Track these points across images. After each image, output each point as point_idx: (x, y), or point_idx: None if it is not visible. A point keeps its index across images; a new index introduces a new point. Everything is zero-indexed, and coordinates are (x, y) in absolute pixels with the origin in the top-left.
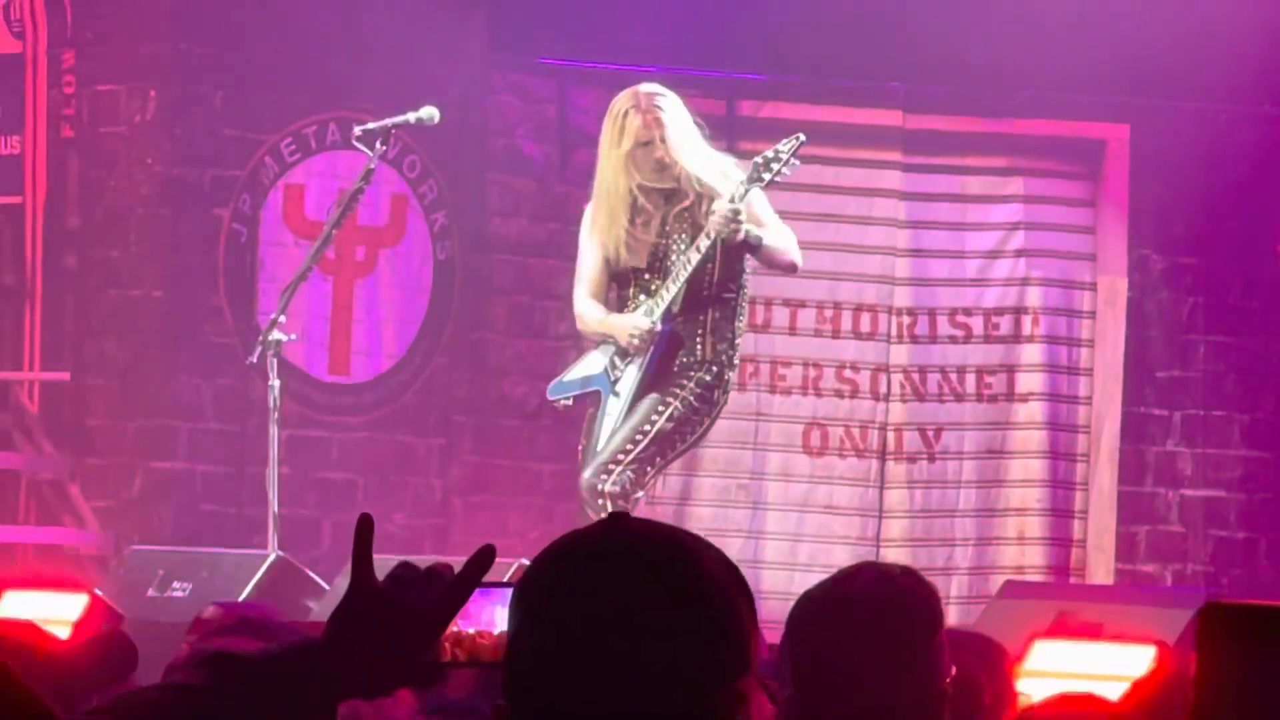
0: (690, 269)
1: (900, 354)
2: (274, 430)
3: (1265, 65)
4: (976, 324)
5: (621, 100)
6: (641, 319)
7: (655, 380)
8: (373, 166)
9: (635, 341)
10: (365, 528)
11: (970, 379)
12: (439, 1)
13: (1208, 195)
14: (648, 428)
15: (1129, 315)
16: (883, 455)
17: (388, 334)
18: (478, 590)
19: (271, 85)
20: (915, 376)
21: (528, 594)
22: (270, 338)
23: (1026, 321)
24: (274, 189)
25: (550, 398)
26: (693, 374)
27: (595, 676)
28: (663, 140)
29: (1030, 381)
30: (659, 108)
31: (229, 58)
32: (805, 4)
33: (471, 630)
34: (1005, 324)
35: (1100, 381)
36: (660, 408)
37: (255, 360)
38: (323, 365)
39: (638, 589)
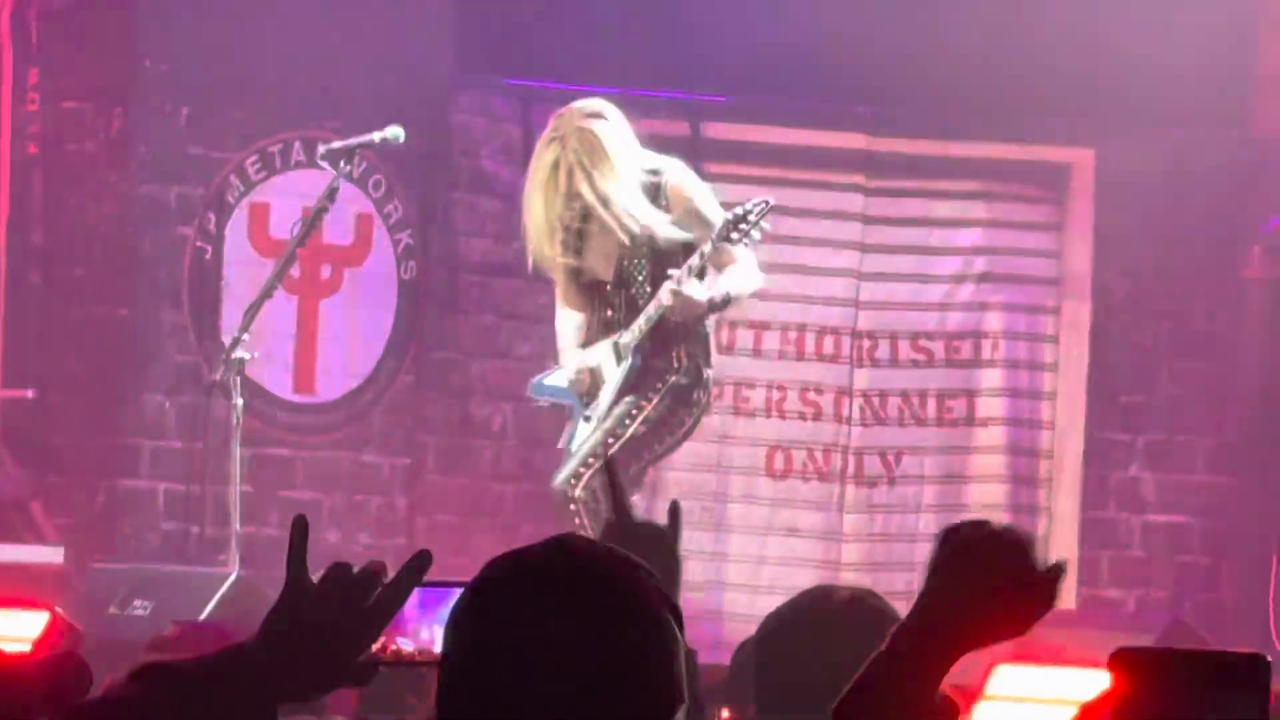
0: (651, 320)
1: (862, 378)
2: (236, 449)
3: (1229, 89)
4: (938, 348)
5: (548, 129)
6: (587, 360)
7: (636, 399)
8: (337, 186)
9: (576, 385)
10: (300, 530)
11: (931, 403)
12: (405, 21)
13: (1172, 220)
14: (620, 431)
15: (1092, 340)
16: (843, 479)
17: (352, 353)
18: (418, 602)
19: (237, 104)
20: (876, 400)
21: (465, 615)
22: (234, 356)
23: (987, 346)
24: (239, 207)
25: (530, 395)
26: (668, 378)
27: (526, 702)
28: (578, 169)
29: (991, 406)
30: (581, 131)
31: (195, 76)
32: (771, 27)
33: (411, 648)
34: (966, 348)
35: (1063, 406)
36: (634, 411)
37: (219, 379)
38: (287, 384)
39: (573, 616)
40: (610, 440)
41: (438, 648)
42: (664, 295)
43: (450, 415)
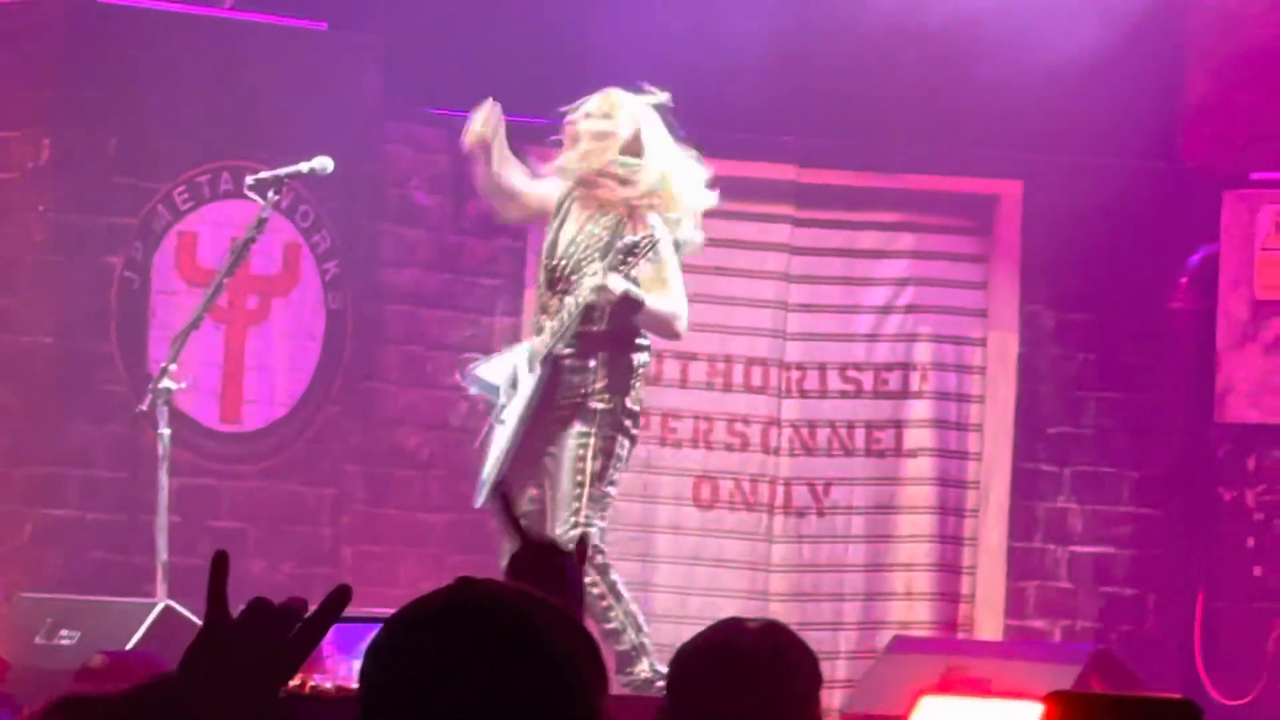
0: (572, 316)
1: (791, 408)
2: (164, 478)
3: (1156, 121)
4: (867, 379)
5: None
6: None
7: (541, 414)
8: (265, 216)
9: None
10: (220, 564)
11: (860, 434)
12: (332, 51)
13: (1100, 251)
14: (580, 477)
15: (1020, 371)
16: (771, 509)
17: (279, 383)
18: (338, 639)
19: (165, 133)
20: (805, 431)
21: (375, 657)
22: (161, 386)
23: (915, 377)
24: (167, 237)
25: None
26: (593, 408)
27: None
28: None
29: (919, 437)
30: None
31: (123, 105)
32: (698, 56)
33: (330, 685)
34: (894, 379)
35: (991, 437)
36: (579, 462)
37: (146, 408)
38: (214, 413)
39: (480, 657)
40: (577, 490)
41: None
42: (582, 292)
43: (377, 445)
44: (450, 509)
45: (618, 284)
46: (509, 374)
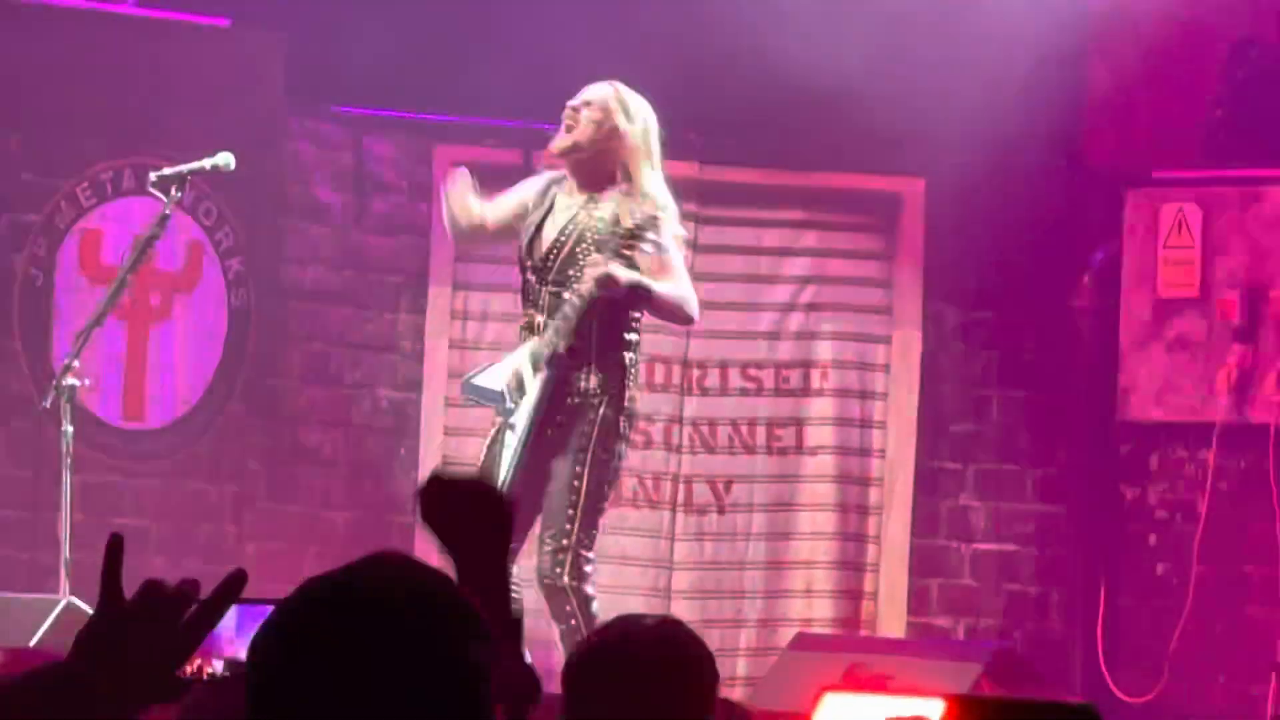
0: (576, 310)
1: (691, 406)
2: (66, 476)
3: (1058, 119)
4: (768, 377)
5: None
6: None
7: (547, 419)
8: (168, 213)
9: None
10: (115, 547)
11: (761, 431)
12: (235, 48)
13: (1002, 249)
14: (574, 497)
15: (923, 369)
16: (674, 507)
17: (182, 380)
18: (237, 623)
19: (68, 130)
20: (705, 429)
21: (263, 639)
22: (64, 383)
23: (817, 375)
24: (70, 234)
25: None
26: (589, 416)
27: None
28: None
29: (820, 434)
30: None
31: (25, 102)
32: (600, 54)
33: (226, 672)
34: (796, 377)
35: (894, 434)
36: (576, 480)
37: (49, 405)
38: (117, 411)
39: (371, 647)
40: (570, 510)
41: None
42: (585, 284)
43: (280, 442)
44: (353, 506)
45: (623, 273)
46: (511, 378)
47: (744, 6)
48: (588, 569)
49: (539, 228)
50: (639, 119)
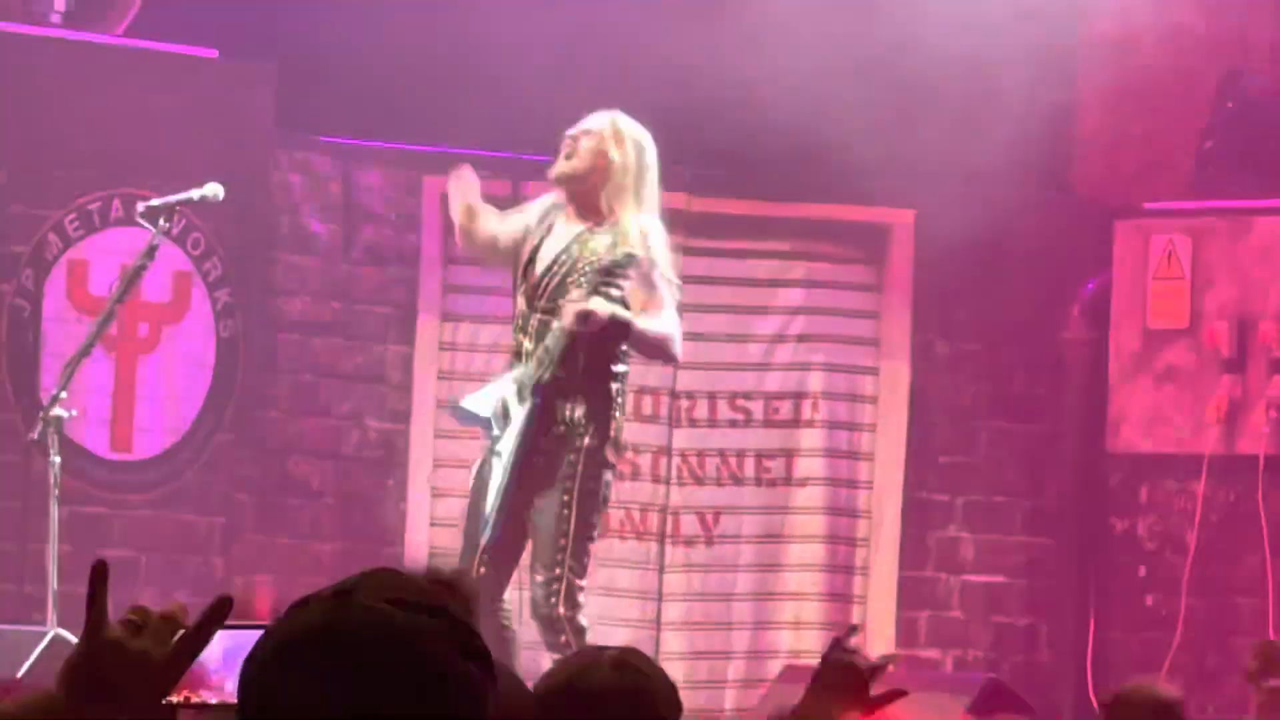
0: (558, 342)
1: (680, 437)
2: (54, 507)
3: (1048, 150)
4: (757, 408)
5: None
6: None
7: (533, 447)
8: (156, 243)
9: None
10: (100, 575)
11: (749, 463)
12: (224, 79)
13: (992, 281)
14: (564, 526)
15: (912, 401)
16: (662, 538)
17: (170, 411)
18: (223, 651)
19: (56, 161)
20: (694, 460)
21: (249, 672)
22: (51, 414)
23: (806, 406)
24: (57, 265)
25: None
26: (575, 445)
27: None
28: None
29: (810, 466)
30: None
31: (14, 133)
32: (590, 86)
33: (215, 701)
34: (785, 408)
35: (882, 466)
36: (565, 510)
37: (36, 437)
38: (104, 442)
39: (365, 666)
40: (561, 541)
41: None
42: (566, 317)
43: (268, 474)
44: (341, 538)
45: (602, 306)
46: (496, 405)
47: (733, 38)
48: (581, 598)
49: (535, 252)
50: (631, 152)
